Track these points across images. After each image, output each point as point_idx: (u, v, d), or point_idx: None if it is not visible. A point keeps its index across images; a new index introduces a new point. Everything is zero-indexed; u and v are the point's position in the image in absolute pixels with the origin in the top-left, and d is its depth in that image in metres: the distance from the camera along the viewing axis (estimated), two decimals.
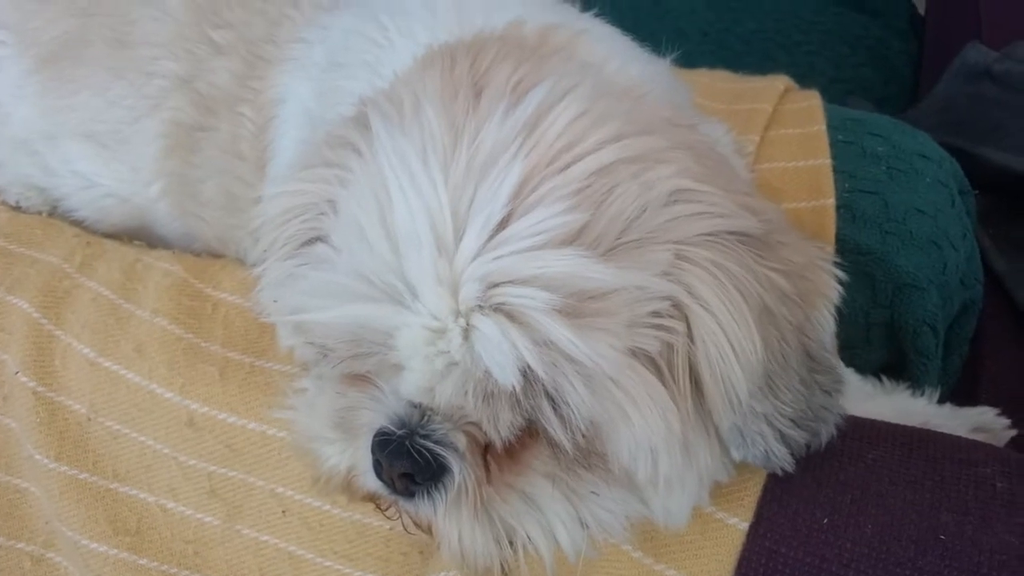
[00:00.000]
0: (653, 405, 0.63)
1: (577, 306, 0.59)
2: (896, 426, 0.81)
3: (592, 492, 0.67)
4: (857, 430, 0.78)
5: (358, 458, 0.69)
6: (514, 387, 0.60)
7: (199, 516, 0.89)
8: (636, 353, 0.62)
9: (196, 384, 0.87)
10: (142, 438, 0.89)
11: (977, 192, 1.20)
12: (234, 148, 0.96)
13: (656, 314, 0.62)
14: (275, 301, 0.69)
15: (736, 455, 0.68)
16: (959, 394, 1.06)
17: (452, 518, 0.66)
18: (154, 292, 0.93)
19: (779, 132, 1.13)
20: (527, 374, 0.59)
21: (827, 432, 0.70)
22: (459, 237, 0.60)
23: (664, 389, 0.63)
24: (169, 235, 1.06)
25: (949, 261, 1.06)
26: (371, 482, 0.69)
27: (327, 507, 0.84)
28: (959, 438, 0.81)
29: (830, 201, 1.05)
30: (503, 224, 0.60)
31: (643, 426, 0.62)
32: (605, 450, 0.64)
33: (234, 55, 0.99)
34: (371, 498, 0.71)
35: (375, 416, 0.67)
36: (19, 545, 0.93)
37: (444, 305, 0.60)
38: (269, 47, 0.97)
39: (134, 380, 0.89)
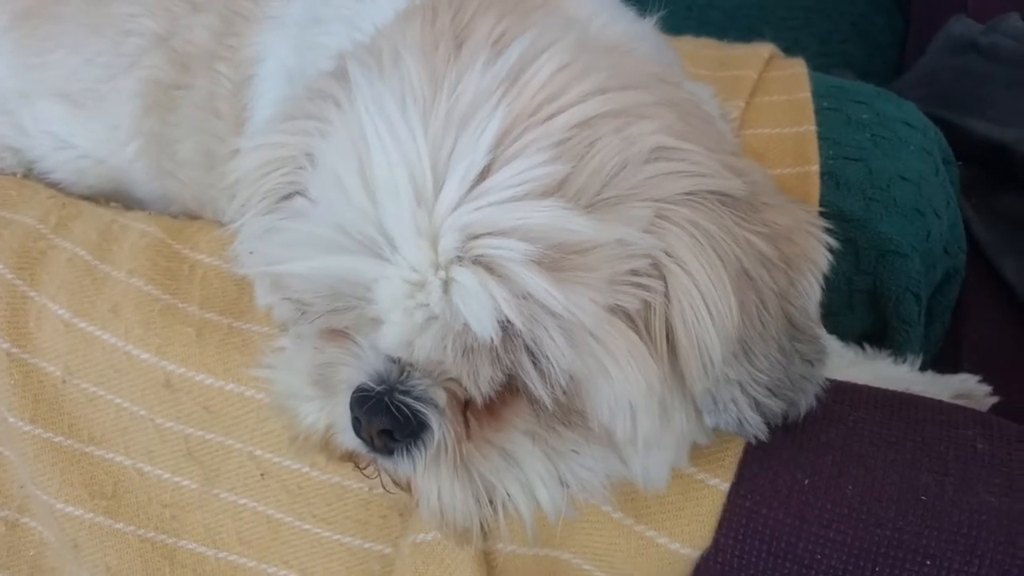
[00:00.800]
0: (633, 361, 0.62)
1: (557, 259, 0.58)
2: (878, 389, 0.81)
3: (572, 450, 0.66)
4: (839, 393, 0.77)
5: (336, 415, 0.68)
6: (493, 341, 0.59)
7: (176, 479, 0.88)
8: (615, 310, 0.61)
9: (173, 345, 0.86)
10: (118, 400, 0.88)
11: (960, 163, 1.20)
12: (211, 106, 0.95)
13: (635, 272, 0.61)
14: (251, 253, 0.67)
15: (709, 421, 0.67)
16: (941, 363, 1.06)
17: (431, 475, 0.65)
18: (130, 253, 0.91)
19: (764, 99, 1.12)
20: (506, 327, 0.58)
21: (806, 402, 0.69)
22: (439, 188, 0.59)
23: (644, 346, 0.63)
24: (146, 197, 1.04)
25: (932, 229, 1.06)
26: (349, 440, 0.68)
27: (306, 469, 0.83)
28: (940, 401, 0.81)
29: (814, 168, 1.05)
30: (483, 175, 0.59)
31: (623, 382, 0.62)
32: (585, 407, 0.63)
33: (211, 12, 0.97)
34: (349, 457, 0.71)
35: (353, 372, 0.66)
36: None
37: (423, 257, 0.59)
38: (247, 4, 0.96)
39: (110, 341, 0.87)
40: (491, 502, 0.66)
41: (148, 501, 0.88)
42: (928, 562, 0.70)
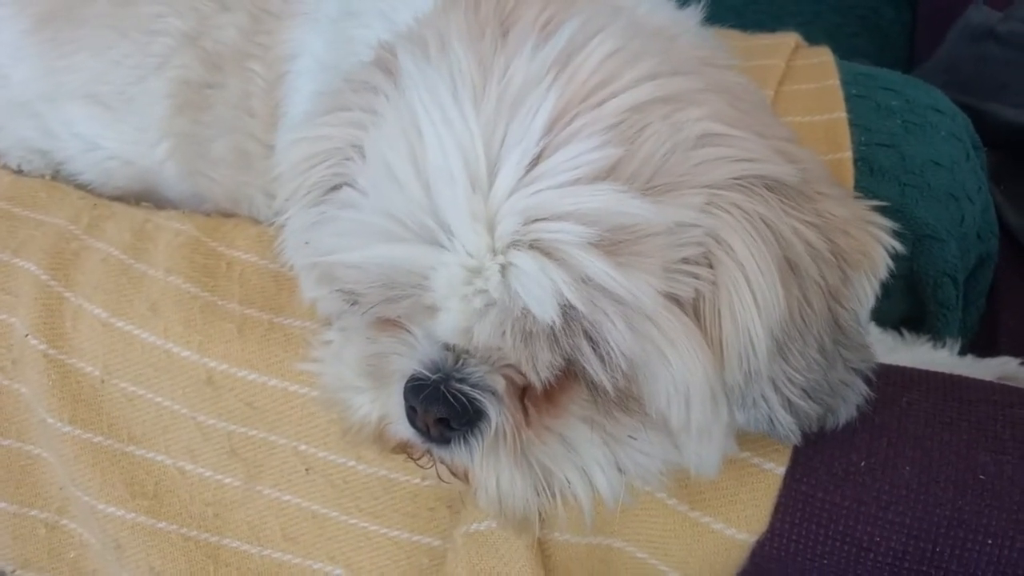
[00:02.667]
0: (690, 348, 0.61)
1: (614, 243, 0.58)
2: (927, 372, 0.81)
3: (629, 436, 0.66)
4: (889, 376, 0.77)
5: (390, 406, 0.68)
6: (553, 326, 0.58)
7: (219, 477, 0.87)
8: (670, 297, 0.61)
9: (214, 342, 0.85)
10: (158, 399, 0.87)
11: (986, 149, 1.19)
12: (245, 105, 0.94)
13: (686, 260, 0.61)
14: (306, 243, 0.66)
15: (739, 418, 0.66)
16: (978, 348, 1.05)
17: (490, 463, 0.65)
18: (166, 251, 0.91)
19: (793, 87, 1.12)
20: (566, 311, 0.57)
21: (846, 411, 0.68)
22: (493, 173, 0.59)
23: (699, 333, 0.62)
24: (176, 197, 1.04)
25: (966, 213, 1.06)
26: (403, 430, 0.68)
27: (352, 463, 0.83)
28: (990, 382, 0.80)
29: (847, 154, 1.04)
30: (537, 159, 0.59)
31: (681, 368, 0.61)
32: (642, 393, 0.63)
33: (240, 11, 0.96)
34: (403, 448, 0.70)
35: (407, 361, 0.66)
36: (33, 512, 0.91)
37: (480, 242, 0.58)
38: (277, 1, 0.95)
39: (149, 340, 0.87)
40: (549, 489, 0.66)
41: (190, 500, 0.87)
42: (990, 541, 0.69)
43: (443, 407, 0.64)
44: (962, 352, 1.02)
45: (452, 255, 0.59)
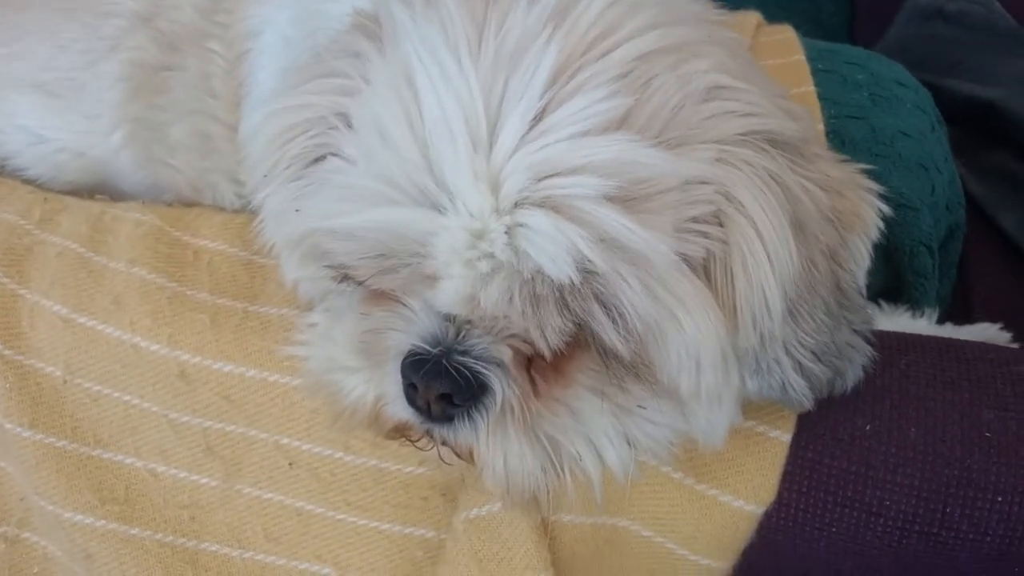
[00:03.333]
0: (703, 310, 0.59)
1: (630, 197, 0.56)
2: (921, 335, 0.80)
3: (639, 406, 0.63)
4: (885, 339, 0.75)
5: (386, 385, 0.64)
6: (562, 289, 0.56)
7: (194, 478, 0.82)
8: (681, 258, 0.59)
9: (185, 333, 0.80)
10: (126, 397, 0.82)
11: (946, 124, 1.21)
12: (205, 86, 0.90)
13: (696, 219, 0.59)
14: (296, 211, 0.63)
15: (751, 385, 0.64)
16: (952, 319, 1.06)
17: (497, 440, 0.62)
18: (127, 242, 0.85)
19: (760, 63, 1.11)
20: (582, 270, 0.55)
21: (853, 374, 0.67)
22: (495, 129, 0.56)
23: (710, 294, 0.60)
24: (133, 188, 0.98)
25: (936, 183, 1.06)
26: (401, 411, 0.64)
27: (339, 454, 0.79)
28: (984, 343, 0.80)
29: (819, 127, 1.04)
30: (542, 114, 0.56)
31: (694, 332, 0.59)
32: (652, 358, 0.60)
33: None
34: (400, 431, 0.67)
35: (405, 336, 0.62)
36: None
37: (484, 203, 0.56)
38: None
39: (114, 335, 0.81)
40: (558, 465, 0.63)
41: (164, 503, 0.82)
42: (1000, 498, 0.69)
43: (446, 382, 0.60)
44: (939, 323, 1.02)
45: (454, 217, 0.56)
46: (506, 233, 0.55)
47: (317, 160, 0.66)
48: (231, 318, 0.81)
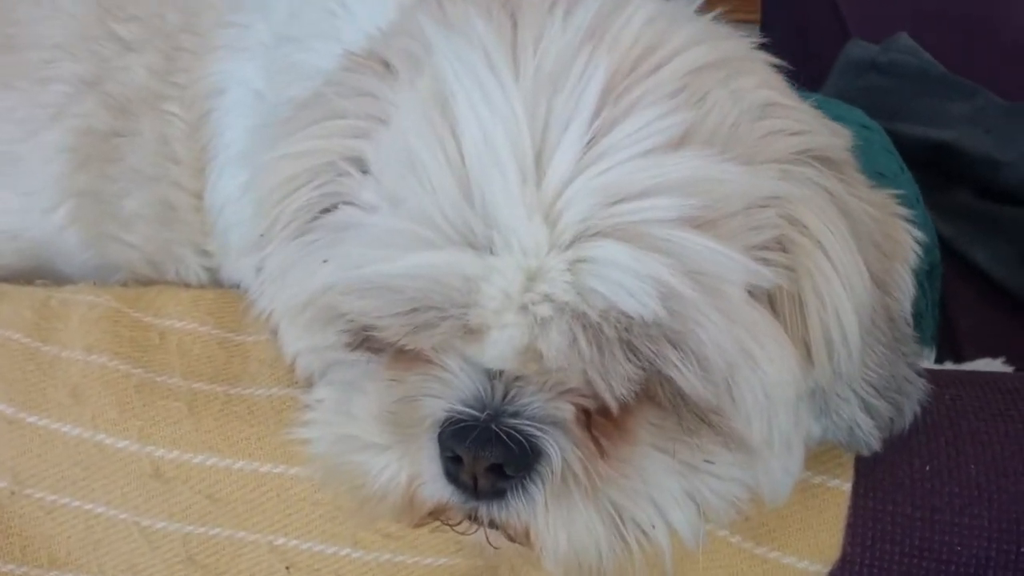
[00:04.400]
0: (776, 345, 0.54)
1: (703, 219, 0.50)
2: (953, 370, 0.77)
3: (706, 461, 0.57)
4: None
5: (422, 461, 0.56)
6: (629, 331, 0.50)
7: None
8: (750, 290, 0.54)
9: (159, 425, 0.70)
10: (88, 505, 0.70)
11: None
12: (165, 151, 0.82)
13: (759, 247, 0.54)
14: (324, 261, 0.55)
15: (816, 428, 0.60)
16: (944, 358, 1.04)
17: (558, 513, 0.54)
18: (81, 328, 0.75)
19: None
20: (667, 303, 0.49)
21: (910, 410, 0.62)
22: (544, 155, 0.50)
23: (782, 328, 0.55)
24: (78, 271, 0.88)
25: (916, 222, 1.06)
26: (439, 490, 0.56)
27: (345, 551, 0.69)
28: (1015, 373, 0.78)
29: None
30: (595, 136, 0.51)
31: (771, 371, 0.54)
32: (723, 405, 0.54)
33: (148, 51, 0.85)
34: (437, 514, 0.58)
35: (442, 402, 0.55)
36: None
37: (540, 238, 0.49)
38: (190, 38, 0.84)
39: (72, 433, 0.71)
40: (623, 535, 0.56)
41: None
42: None
43: (498, 450, 0.53)
44: (938, 362, 1.00)
45: (506, 257, 0.50)
46: (568, 270, 0.49)
47: (325, 211, 0.58)
48: (211, 404, 0.71)
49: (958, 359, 1.04)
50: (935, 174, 1.27)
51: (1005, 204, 1.21)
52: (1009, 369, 0.96)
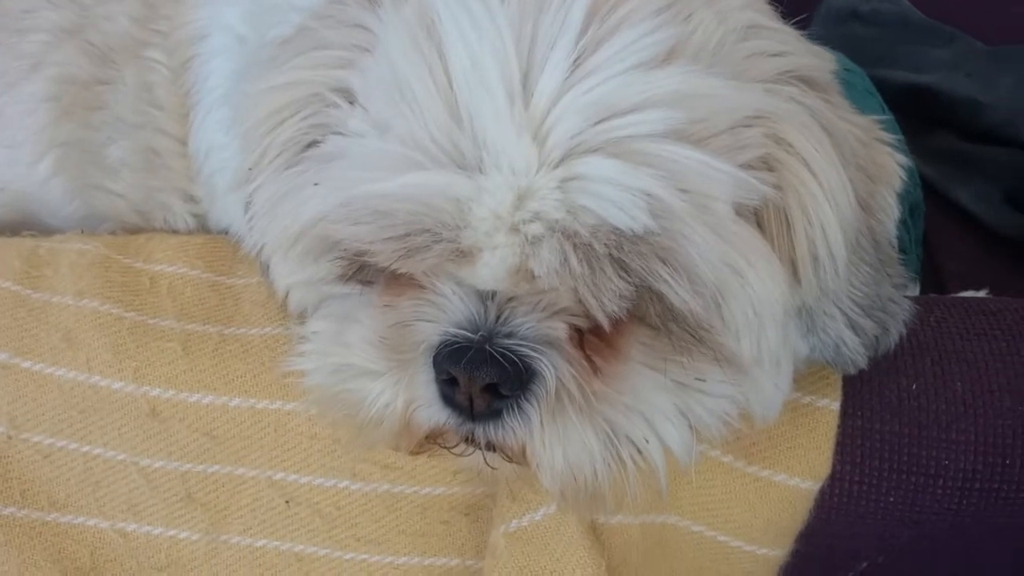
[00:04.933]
0: (764, 262, 0.55)
1: (691, 135, 0.51)
2: (938, 296, 0.78)
3: (696, 379, 0.58)
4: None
5: (417, 385, 0.56)
6: (620, 248, 0.50)
7: (172, 533, 0.71)
8: (737, 208, 0.54)
9: (154, 365, 0.70)
10: (85, 448, 0.71)
11: None
12: (148, 98, 0.81)
13: (745, 165, 0.55)
14: (316, 185, 0.55)
15: (803, 347, 0.61)
16: (928, 293, 1.06)
17: (554, 430, 0.55)
18: (71, 273, 0.75)
19: None
20: (657, 217, 0.49)
21: (896, 330, 0.63)
22: (532, 74, 0.51)
23: (769, 245, 0.56)
24: (64, 222, 0.87)
25: None
26: (436, 413, 0.57)
27: (344, 483, 0.70)
28: (998, 297, 0.79)
29: None
30: (582, 55, 0.51)
31: (759, 288, 0.54)
32: (713, 321, 0.55)
33: None
34: (433, 438, 0.59)
35: (436, 325, 0.55)
36: None
37: (529, 157, 0.50)
38: None
39: (67, 376, 0.71)
40: (618, 453, 0.56)
41: (138, 568, 0.71)
42: None
43: (493, 370, 0.53)
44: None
45: (496, 176, 0.50)
46: (558, 188, 0.50)
47: (312, 144, 0.58)
48: (205, 344, 0.71)
49: (942, 293, 1.05)
50: (918, 119, 1.28)
51: (986, 145, 1.21)
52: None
